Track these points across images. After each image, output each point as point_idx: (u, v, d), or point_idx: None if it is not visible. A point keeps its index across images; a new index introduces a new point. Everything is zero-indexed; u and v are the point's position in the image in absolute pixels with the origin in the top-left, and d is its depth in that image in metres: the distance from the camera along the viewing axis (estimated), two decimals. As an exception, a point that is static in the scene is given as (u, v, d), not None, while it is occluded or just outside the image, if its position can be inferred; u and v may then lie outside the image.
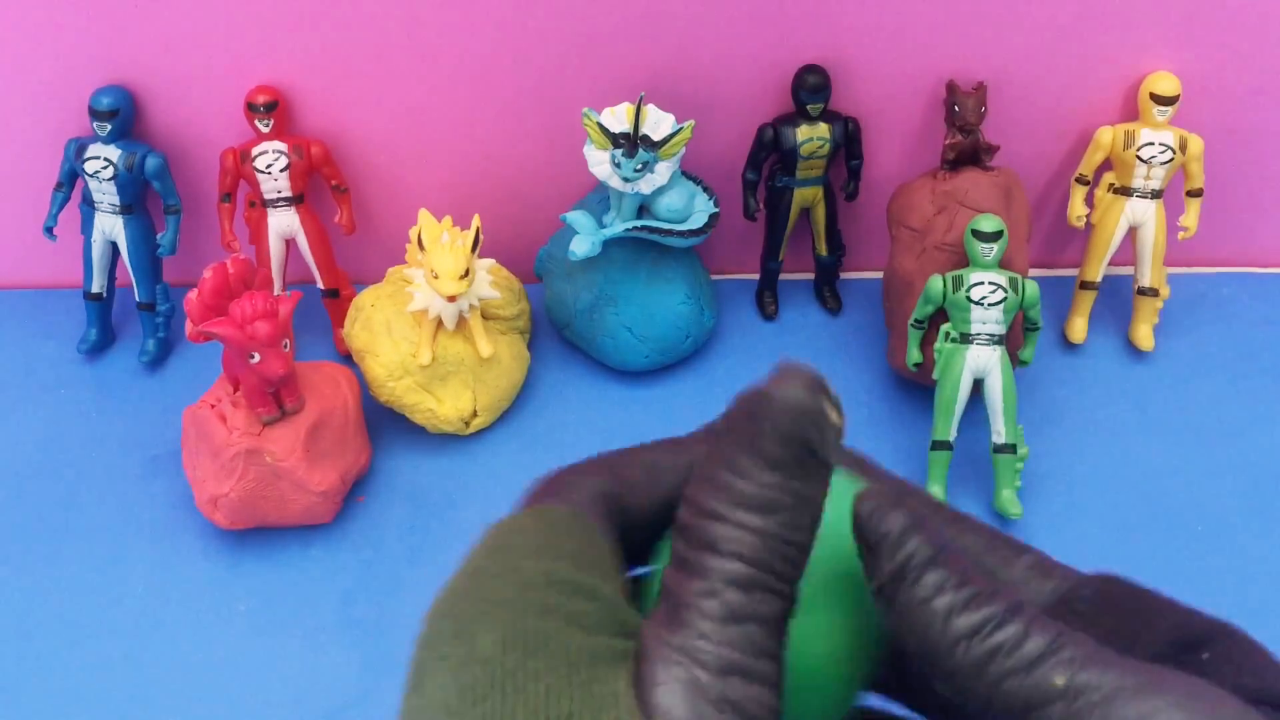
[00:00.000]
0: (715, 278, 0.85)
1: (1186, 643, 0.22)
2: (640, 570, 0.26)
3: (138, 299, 0.81)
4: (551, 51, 0.76)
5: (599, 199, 0.78)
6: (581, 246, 0.73)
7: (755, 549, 0.22)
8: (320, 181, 0.81)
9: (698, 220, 0.75)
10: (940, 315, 0.72)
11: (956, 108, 0.74)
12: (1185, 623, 0.23)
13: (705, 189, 0.76)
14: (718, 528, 0.22)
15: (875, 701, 0.27)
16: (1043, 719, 0.20)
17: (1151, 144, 0.76)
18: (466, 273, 0.69)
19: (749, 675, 0.21)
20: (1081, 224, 0.80)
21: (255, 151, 0.77)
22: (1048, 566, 0.25)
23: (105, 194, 0.78)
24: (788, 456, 0.22)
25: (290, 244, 0.80)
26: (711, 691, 0.20)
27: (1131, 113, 0.79)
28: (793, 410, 0.22)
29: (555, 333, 0.82)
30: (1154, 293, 0.79)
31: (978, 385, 0.71)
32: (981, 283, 0.70)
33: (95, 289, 0.81)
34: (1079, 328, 0.81)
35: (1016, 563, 0.26)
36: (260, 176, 0.77)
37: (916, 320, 0.73)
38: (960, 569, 0.22)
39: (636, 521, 0.26)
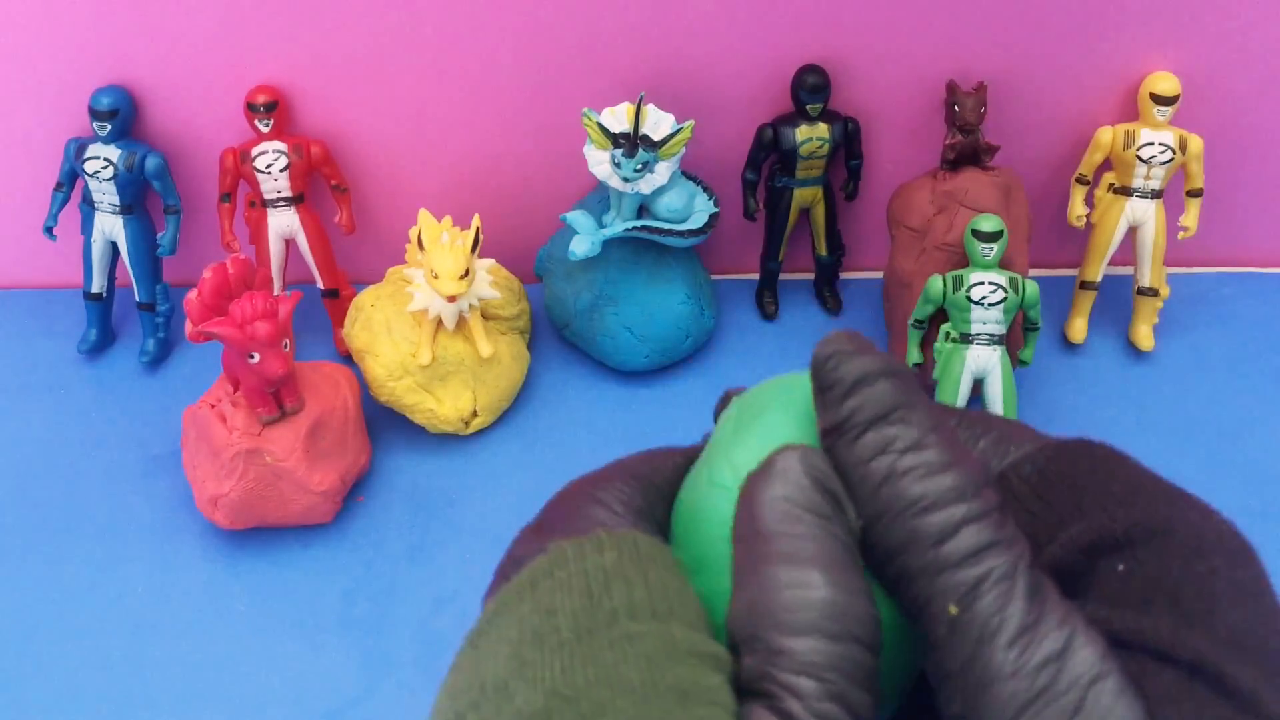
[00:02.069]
0: (715, 278, 0.85)
1: (1106, 546, 0.21)
2: None
3: (138, 299, 0.81)
4: (551, 51, 0.76)
5: (599, 199, 0.79)
6: (581, 246, 0.73)
7: (857, 617, 0.20)
8: (320, 181, 0.81)
9: (698, 220, 0.75)
10: (940, 315, 0.72)
11: (956, 108, 0.74)
12: (1110, 524, 0.21)
13: (705, 189, 0.76)
14: (807, 602, 0.20)
15: None
16: (932, 631, 0.19)
17: (1151, 144, 0.76)
18: (466, 273, 0.70)
19: None
20: (1081, 224, 0.80)
21: (255, 151, 0.77)
22: (1004, 444, 0.24)
23: (105, 194, 0.78)
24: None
25: (290, 244, 0.80)
26: None
27: (1131, 113, 0.79)
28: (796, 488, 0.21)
29: (555, 333, 0.82)
30: (1154, 293, 0.79)
31: (978, 385, 0.71)
32: (981, 283, 0.70)
33: (95, 289, 0.81)
34: (1079, 328, 0.81)
35: (980, 440, 0.24)
36: (260, 176, 0.77)
37: (916, 320, 0.73)
38: (917, 431, 0.20)
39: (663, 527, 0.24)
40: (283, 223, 0.79)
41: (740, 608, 0.20)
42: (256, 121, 0.77)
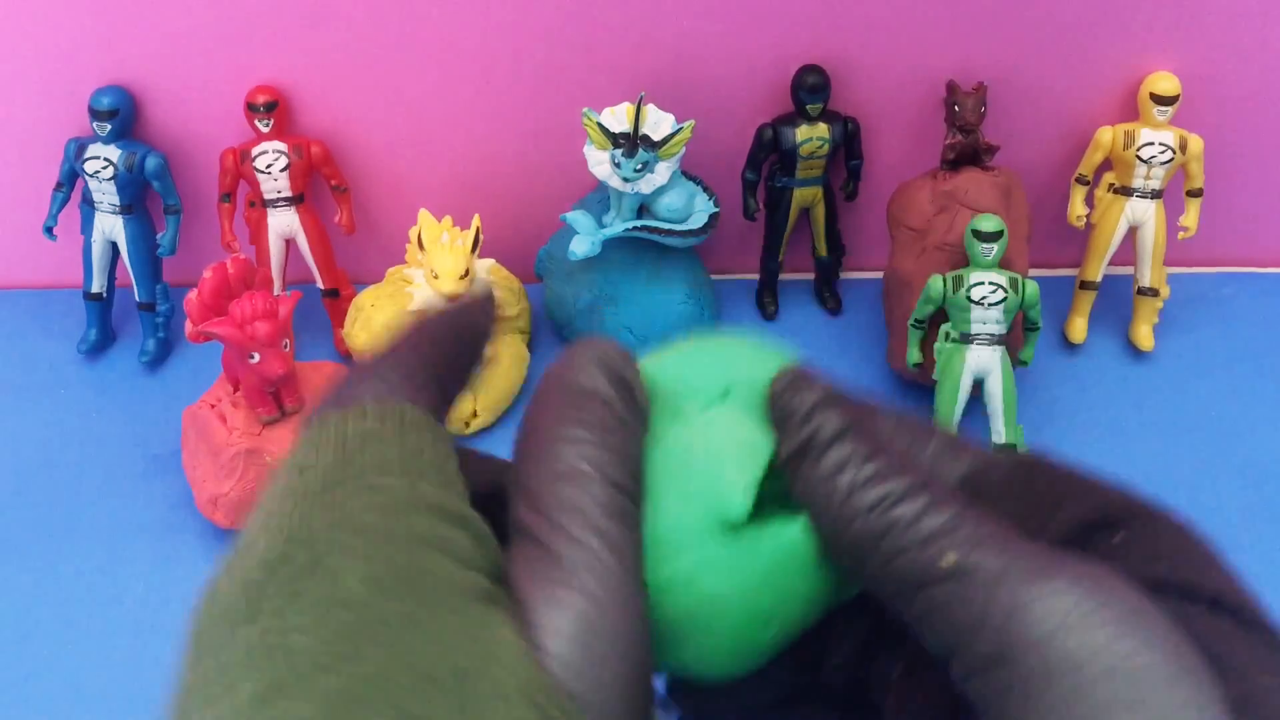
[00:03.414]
0: (715, 278, 0.85)
1: (1099, 524, 0.21)
2: None
3: (138, 299, 0.81)
4: (551, 51, 0.76)
5: (599, 199, 0.78)
6: (581, 246, 0.73)
7: (614, 467, 0.21)
8: (320, 181, 0.81)
9: (698, 220, 0.75)
10: (940, 315, 0.72)
11: (956, 108, 0.74)
12: (1100, 503, 0.22)
13: (705, 189, 0.76)
14: (568, 450, 0.21)
15: None
16: (932, 597, 0.20)
17: (1151, 144, 0.76)
18: (466, 273, 0.70)
19: (634, 605, 0.20)
20: (1081, 224, 0.80)
21: (255, 151, 0.77)
22: (958, 448, 0.25)
23: (105, 194, 0.78)
24: (610, 383, 0.22)
25: (290, 244, 0.80)
26: (605, 630, 0.19)
27: (1131, 113, 0.79)
28: (598, 353, 0.22)
29: (555, 333, 0.82)
30: (1154, 293, 0.79)
31: (978, 385, 0.71)
32: (981, 283, 0.70)
33: (95, 289, 0.81)
34: (1079, 328, 0.81)
35: (928, 444, 0.25)
36: (260, 176, 0.77)
37: (916, 320, 0.73)
38: (870, 443, 0.22)
39: (447, 399, 0.25)
40: (283, 223, 0.79)
41: (519, 467, 0.22)
42: (256, 121, 0.77)
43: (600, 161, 0.71)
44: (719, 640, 0.22)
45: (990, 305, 0.70)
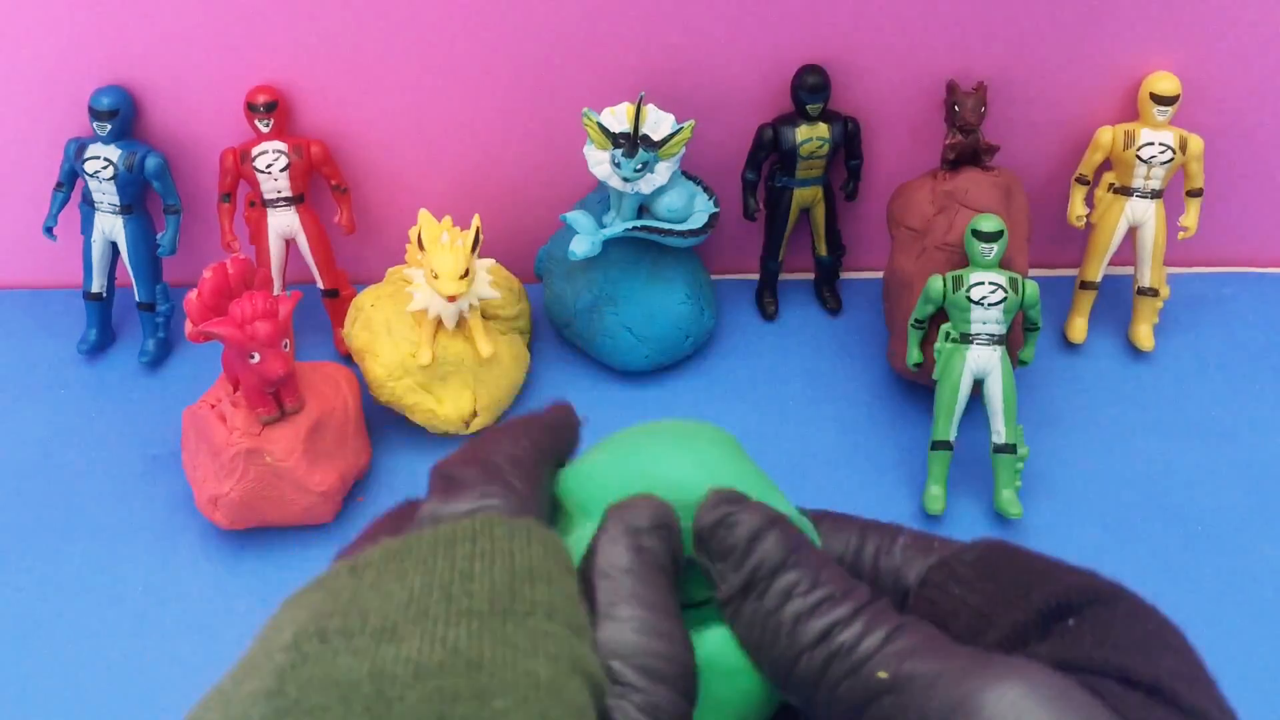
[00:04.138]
0: (715, 278, 0.85)
1: (1056, 609, 0.22)
2: None
3: (138, 299, 0.81)
4: (551, 51, 0.76)
5: (599, 199, 0.78)
6: (581, 246, 0.73)
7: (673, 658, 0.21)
8: (320, 181, 0.81)
9: (698, 220, 0.75)
10: (940, 315, 0.72)
11: (956, 108, 0.74)
12: (1062, 588, 0.23)
13: (705, 189, 0.76)
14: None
15: None
16: (876, 713, 0.20)
17: (1151, 144, 0.76)
18: (466, 273, 0.70)
19: None
20: (1081, 224, 0.80)
21: (255, 151, 0.77)
22: (925, 543, 0.25)
23: (105, 194, 0.78)
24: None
25: (290, 244, 0.80)
26: None
27: (1131, 113, 0.79)
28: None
29: (555, 333, 0.82)
30: (1154, 293, 0.79)
31: (978, 385, 0.71)
32: (981, 283, 0.70)
33: (95, 289, 0.81)
34: (1079, 328, 0.81)
35: (895, 544, 0.25)
36: (260, 176, 0.77)
37: (916, 320, 0.73)
38: (812, 567, 0.22)
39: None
40: (283, 223, 0.79)
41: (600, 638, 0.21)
42: (256, 121, 0.77)
43: (600, 161, 0.71)
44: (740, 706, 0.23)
45: (990, 305, 0.70)
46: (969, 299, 0.70)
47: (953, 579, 0.24)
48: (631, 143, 0.70)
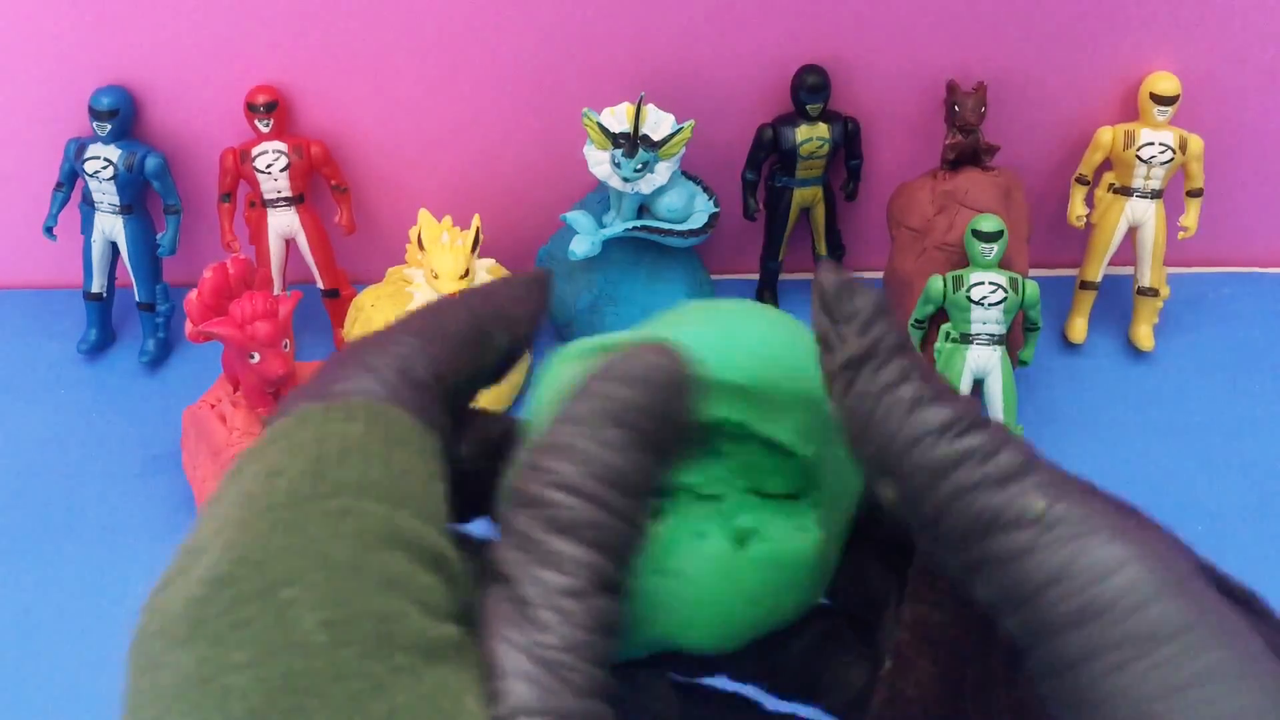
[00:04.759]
0: (715, 278, 0.85)
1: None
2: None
3: (138, 299, 0.81)
4: (551, 51, 0.76)
5: (599, 199, 0.78)
6: (581, 246, 0.73)
7: (614, 535, 0.19)
8: (320, 181, 0.81)
9: (698, 220, 0.75)
10: (940, 315, 0.72)
11: (956, 108, 0.74)
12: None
13: (705, 189, 0.76)
14: (572, 504, 0.18)
15: None
16: (1002, 545, 0.18)
17: (1151, 144, 0.76)
18: (466, 273, 0.70)
19: (606, 687, 0.18)
20: (1081, 224, 0.80)
21: (255, 151, 0.77)
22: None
23: (105, 194, 0.78)
24: (652, 432, 0.19)
25: (290, 244, 0.80)
26: (575, 712, 0.17)
27: (1131, 113, 0.79)
28: (659, 380, 0.19)
29: (555, 333, 0.82)
30: (1154, 293, 0.79)
31: (978, 385, 0.71)
32: (981, 283, 0.70)
33: (95, 289, 0.81)
34: (1079, 328, 0.81)
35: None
36: (260, 176, 0.77)
37: (916, 320, 0.73)
38: (927, 366, 0.20)
39: (458, 402, 0.22)
40: (283, 223, 0.79)
41: (514, 479, 0.19)
42: (256, 121, 0.77)
43: (600, 161, 0.71)
44: (716, 626, 0.23)
45: (990, 305, 0.70)
46: (969, 299, 0.70)
47: None
48: (631, 143, 0.70)
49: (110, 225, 0.79)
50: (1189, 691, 0.17)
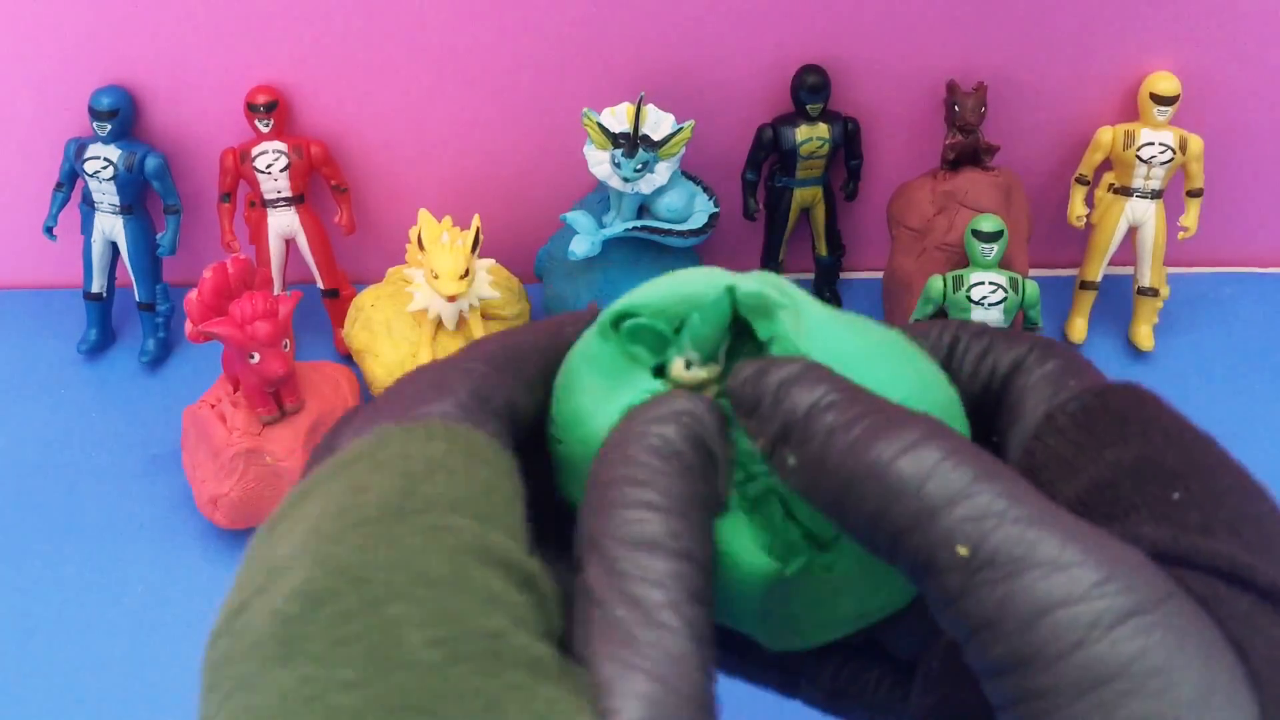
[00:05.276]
0: (715, 278, 0.85)
1: (1154, 472, 0.20)
2: None
3: (138, 299, 0.81)
4: (551, 51, 0.76)
5: (599, 199, 0.78)
6: (581, 246, 0.73)
7: (695, 544, 0.19)
8: (320, 181, 0.81)
9: (698, 220, 0.75)
10: (940, 315, 0.72)
11: (956, 108, 0.74)
12: (1156, 454, 0.20)
13: (705, 189, 0.76)
14: (650, 519, 0.18)
15: None
16: (934, 589, 0.18)
17: (1151, 144, 0.76)
18: (466, 273, 0.70)
19: (705, 692, 0.18)
20: (1081, 224, 0.80)
21: (255, 151, 0.77)
22: (1067, 375, 0.23)
23: (105, 194, 0.78)
24: (693, 447, 0.20)
25: (290, 244, 0.80)
26: (676, 716, 0.17)
27: (1131, 113, 0.79)
28: (684, 410, 0.20)
29: (555, 333, 0.82)
30: (1154, 293, 0.79)
31: (978, 385, 0.71)
32: (982, 283, 0.70)
33: (95, 289, 0.81)
34: (1079, 328, 0.81)
35: (1035, 372, 0.23)
36: (260, 176, 0.77)
37: (916, 321, 0.73)
38: (847, 398, 0.19)
39: (524, 429, 0.22)
40: (283, 223, 0.79)
41: (584, 516, 0.19)
42: (256, 121, 0.77)
43: (600, 161, 0.71)
44: (803, 626, 0.23)
45: (990, 305, 0.70)
46: (969, 299, 0.70)
47: (1052, 428, 0.21)
48: (631, 143, 0.70)
49: (110, 225, 0.79)
50: None
